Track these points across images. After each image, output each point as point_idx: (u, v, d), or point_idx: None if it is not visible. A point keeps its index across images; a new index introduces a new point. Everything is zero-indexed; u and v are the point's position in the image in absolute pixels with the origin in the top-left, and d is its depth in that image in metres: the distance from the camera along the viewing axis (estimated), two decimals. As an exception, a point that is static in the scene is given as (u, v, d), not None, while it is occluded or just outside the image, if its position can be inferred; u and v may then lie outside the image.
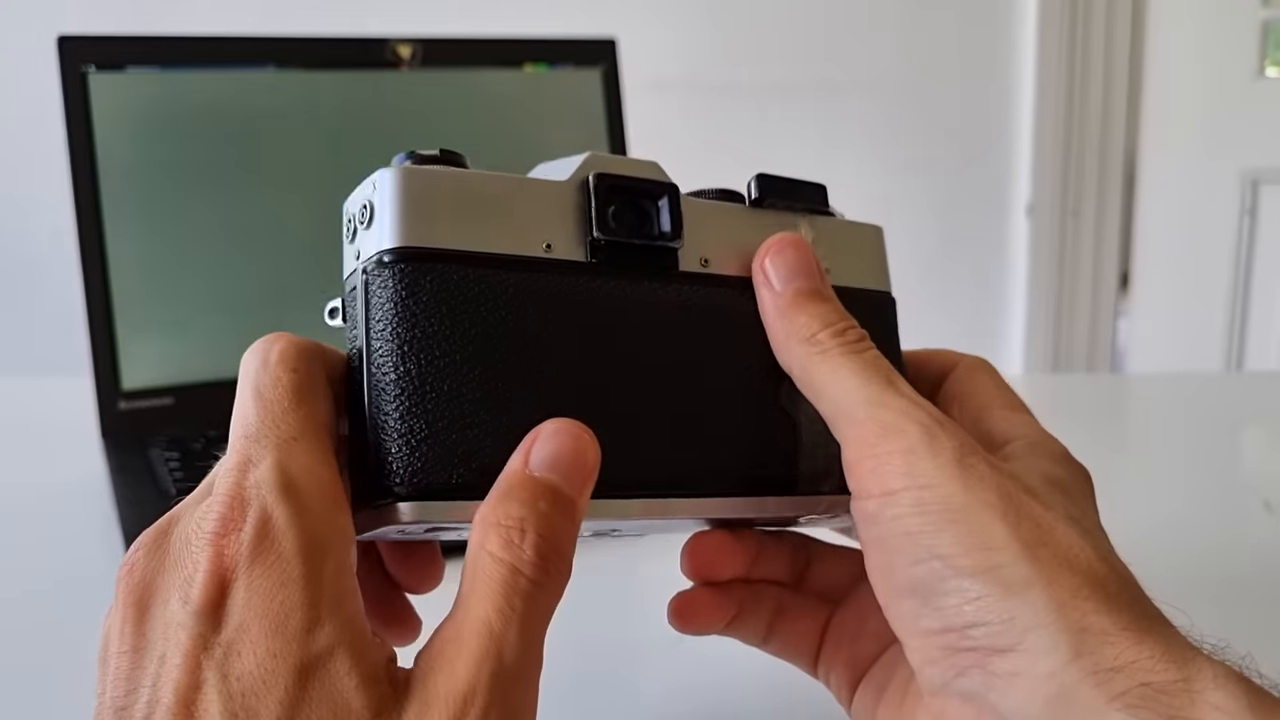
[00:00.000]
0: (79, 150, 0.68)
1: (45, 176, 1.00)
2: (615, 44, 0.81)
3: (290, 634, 0.24)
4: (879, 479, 0.28)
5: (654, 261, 0.32)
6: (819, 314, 0.31)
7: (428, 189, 0.29)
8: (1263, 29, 2.17)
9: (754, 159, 2.03)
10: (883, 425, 0.28)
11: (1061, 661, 0.25)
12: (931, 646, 0.27)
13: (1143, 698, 0.24)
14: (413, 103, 0.75)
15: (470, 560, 0.26)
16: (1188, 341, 2.31)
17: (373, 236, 0.28)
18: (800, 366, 0.31)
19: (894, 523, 0.28)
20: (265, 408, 0.27)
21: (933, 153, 2.14)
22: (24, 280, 1.77)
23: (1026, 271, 2.20)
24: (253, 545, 0.25)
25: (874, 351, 0.30)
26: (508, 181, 0.30)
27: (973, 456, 0.28)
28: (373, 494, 0.28)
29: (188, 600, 0.25)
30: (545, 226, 0.30)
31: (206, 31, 0.73)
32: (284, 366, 0.28)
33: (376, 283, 0.28)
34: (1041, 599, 0.26)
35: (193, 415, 0.68)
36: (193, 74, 0.70)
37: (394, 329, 0.28)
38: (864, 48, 2.08)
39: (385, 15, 1.82)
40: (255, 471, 0.26)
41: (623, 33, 0.84)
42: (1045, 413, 0.34)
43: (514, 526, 0.26)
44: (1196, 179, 2.25)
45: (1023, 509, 0.27)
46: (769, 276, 0.32)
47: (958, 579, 0.26)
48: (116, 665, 0.25)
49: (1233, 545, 0.58)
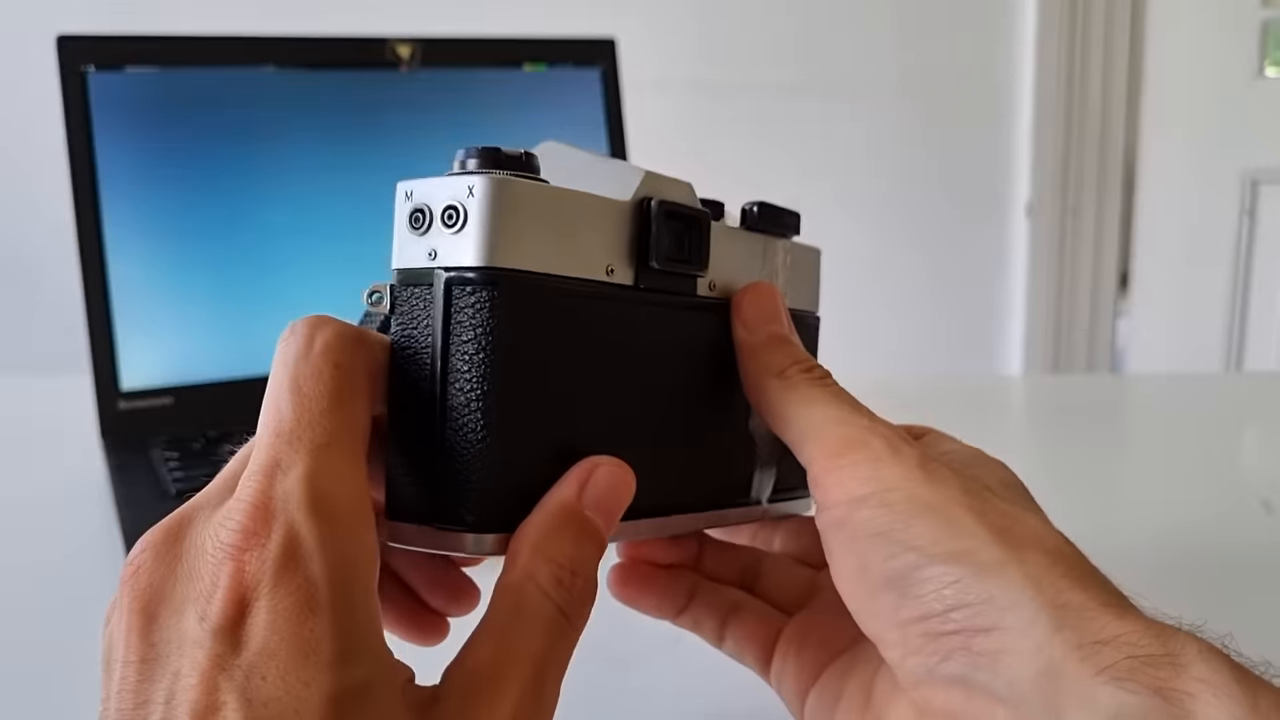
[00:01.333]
0: (79, 150, 0.68)
1: (45, 176, 1.00)
2: (615, 44, 0.81)
3: (322, 662, 0.23)
4: (846, 487, 0.29)
5: (683, 288, 0.32)
6: (788, 354, 0.33)
7: (522, 204, 0.27)
8: (1263, 29, 2.17)
9: (754, 159, 2.03)
10: (847, 440, 0.30)
11: (1044, 636, 0.26)
12: (913, 636, 0.28)
13: (1130, 670, 0.25)
14: (412, 103, 0.75)
15: (512, 586, 0.26)
16: (1187, 341, 2.31)
17: (462, 245, 0.27)
18: (769, 400, 0.32)
19: (863, 525, 0.29)
20: (302, 405, 0.26)
21: (933, 153, 2.14)
22: (24, 280, 1.77)
23: (1026, 271, 2.20)
24: (278, 565, 0.24)
25: (838, 385, 0.32)
26: (577, 198, 0.29)
27: (934, 462, 0.29)
28: (434, 515, 0.27)
29: (205, 617, 0.24)
30: (608, 248, 0.30)
31: (206, 31, 0.73)
32: (327, 359, 0.26)
33: (467, 299, 0.27)
34: (1017, 576, 0.26)
35: (193, 415, 0.68)
36: (193, 74, 0.70)
37: (484, 354, 0.26)
38: (864, 48, 2.08)
39: (385, 15, 1.82)
40: (284, 479, 0.25)
41: (623, 33, 0.84)
42: (1045, 413, 0.34)
43: (566, 566, 0.26)
44: (1196, 179, 2.25)
45: (988, 502, 0.29)
46: (745, 318, 0.34)
47: (932, 566, 0.27)
48: (124, 675, 0.24)
49: (1232, 545, 0.58)
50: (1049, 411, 0.84)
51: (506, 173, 0.27)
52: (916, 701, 0.28)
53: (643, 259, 0.31)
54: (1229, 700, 0.24)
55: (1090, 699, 0.25)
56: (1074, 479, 0.28)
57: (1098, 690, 0.25)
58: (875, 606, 0.29)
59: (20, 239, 1.75)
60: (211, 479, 0.28)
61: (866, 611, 0.29)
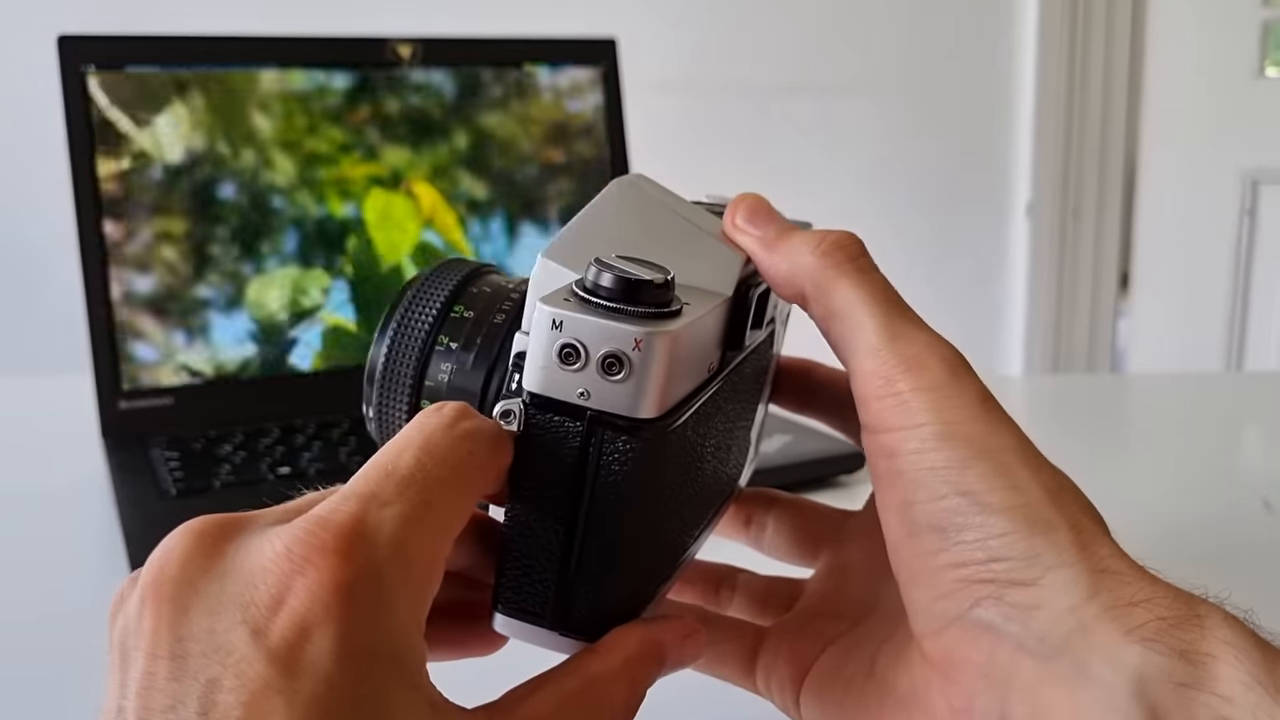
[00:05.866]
0: (79, 150, 0.68)
1: (45, 176, 1.00)
2: (615, 44, 0.81)
3: (397, 710, 0.23)
4: (902, 413, 0.28)
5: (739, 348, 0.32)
6: (813, 233, 0.31)
7: (678, 352, 0.27)
8: (1263, 29, 2.17)
9: (754, 159, 2.03)
10: (905, 360, 0.28)
11: (1082, 597, 0.26)
12: (947, 580, 0.27)
13: (1158, 631, 0.25)
14: (412, 102, 0.75)
15: (595, 678, 0.27)
16: (1188, 341, 2.31)
17: (621, 395, 0.26)
18: (814, 283, 0.30)
19: (915, 457, 0.28)
20: (425, 463, 0.25)
21: (933, 153, 2.14)
22: (24, 280, 1.77)
23: (1026, 271, 2.20)
24: (354, 596, 0.23)
25: (881, 274, 0.31)
26: (704, 320, 0.28)
27: (992, 400, 0.28)
28: (559, 623, 0.28)
29: (261, 633, 0.22)
30: (714, 347, 0.30)
31: (207, 31, 0.73)
32: (465, 442, 0.26)
33: (619, 444, 0.26)
34: (1067, 539, 0.27)
35: (193, 415, 0.68)
36: (193, 74, 0.70)
37: (626, 492, 0.27)
38: (864, 48, 2.08)
39: (385, 15, 1.82)
40: (380, 513, 0.24)
41: (623, 33, 0.84)
42: (1045, 413, 0.34)
43: (638, 695, 0.28)
44: (1196, 179, 2.25)
45: (1039, 457, 0.28)
46: (747, 228, 0.32)
47: (983, 515, 0.27)
48: (149, 669, 0.23)
49: (1233, 545, 0.58)
50: (1049, 411, 0.84)
51: (662, 319, 0.26)
52: (933, 652, 0.28)
53: (734, 344, 0.31)
54: (1250, 663, 0.24)
55: (1116, 656, 0.25)
56: (1074, 479, 0.28)
57: (1125, 649, 0.25)
58: (915, 545, 0.28)
59: (21, 239, 1.75)
60: (211, 479, 0.28)
61: (905, 548, 0.28)
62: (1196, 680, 0.24)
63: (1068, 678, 0.25)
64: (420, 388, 0.31)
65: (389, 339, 0.31)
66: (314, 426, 0.68)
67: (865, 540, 0.36)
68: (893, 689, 0.30)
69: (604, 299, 0.26)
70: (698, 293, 0.29)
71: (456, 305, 0.31)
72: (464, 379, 0.31)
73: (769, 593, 0.38)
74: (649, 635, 0.28)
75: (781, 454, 0.63)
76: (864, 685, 0.31)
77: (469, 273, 0.32)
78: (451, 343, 0.31)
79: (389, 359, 0.31)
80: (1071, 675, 0.25)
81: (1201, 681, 0.24)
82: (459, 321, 0.31)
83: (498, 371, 0.30)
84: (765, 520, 0.40)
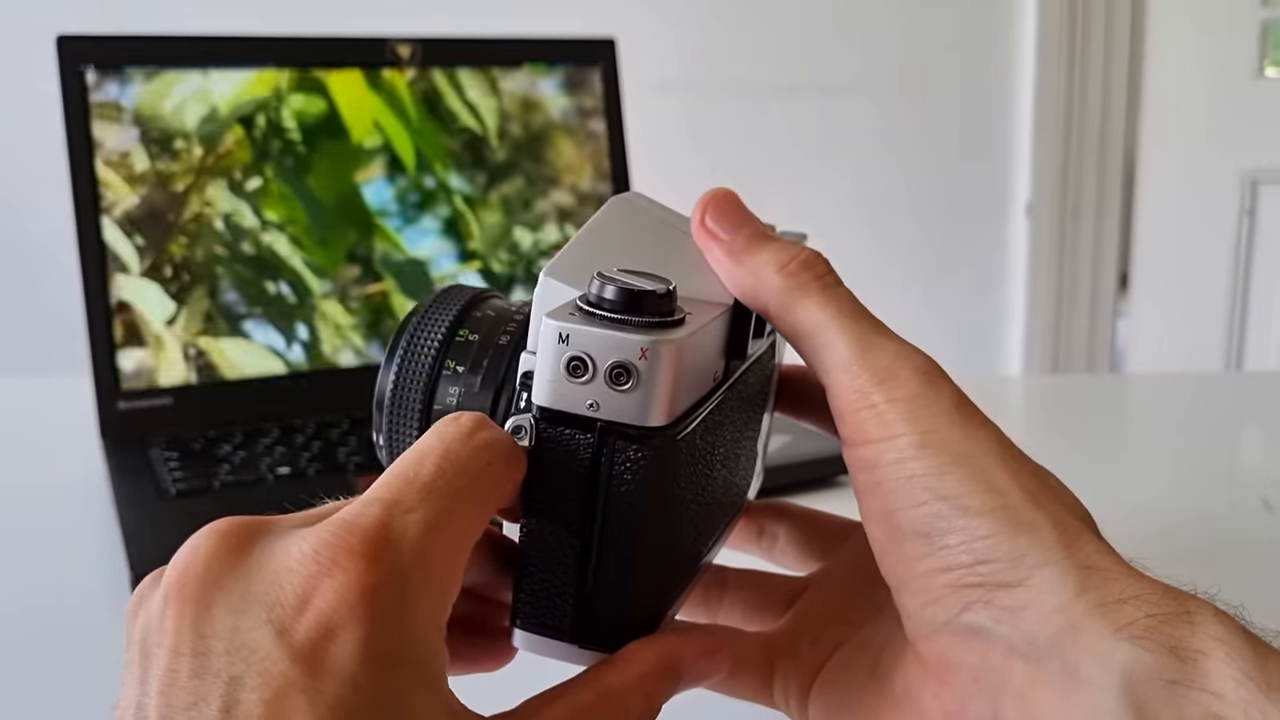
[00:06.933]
0: (78, 150, 0.68)
1: (45, 176, 1.00)
2: (615, 44, 0.81)
3: (418, 713, 0.23)
4: (879, 425, 0.28)
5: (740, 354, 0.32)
6: (781, 248, 0.30)
7: (684, 359, 0.27)
8: (1263, 29, 2.17)
9: (753, 159, 2.03)
10: (878, 373, 0.28)
11: (1069, 596, 0.26)
12: (936, 585, 0.27)
13: (1147, 628, 0.25)
14: (412, 102, 0.75)
15: (613, 690, 0.27)
16: (1187, 341, 2.31)
17: (629, 405, 0.26)
18: (778, 303, 0.30)
19: (894, 467, 0.28)
20: (445, 471, 0.25)
21: (933, 153, 2.14)
22: (24, 280, 1.77)
23: (1026, 271, 2.20)
24: (379, 599, 0.23)
25: (847, 289, 0.30)
26: (708, 330, 0.29)
27: (969, 405, 0.29)
28: (577, 636, 0.28)
29: (286, 633, 0.22)
30: (717, 356, 0.30)
31: (206, 31, 0.73)
32: (484, 453, 0.26)
33: (631, 454, 0.27)
34: (1051, 538, 0.27)
35: (193, 415, 0.68)
36: (192, 74, 0.70)
37: (639, 502, 0.27)
38: (864, 48, 2.09)
39: (385, 15, 1.82)
40: (403, 518, 0.24)
41: (623, 33, 0.84)
42: (1045, 413, 0.34)
43: (653, 709, 0.28)
44: (1196, 179, 2.25)
45: (1019, 458, 0.28)
46: (715, 230, 0.31)
47: (964, 518, 0.27)
48: (172, 666, 0.23)
49: (1233, 545, 0.58)
50: (1049, 411, 0.84)
51: (667, 328, 0.27)
52: (926, 655, 0.28)
53: (737, 353, 0.31)
54: (1240, 660, 0.24)
55: (1105, 655, 0.25)
56: (1074, 479, 0.28)
57: (1114, 647, 0.25)
58: (900, 552, 0.28)
59: (20, 239, 1.75)
60: (211, 479, 0.28)
61: (891, 555, 0.29)
62: (1187, 677, 0.24)
63: (1057, 679, 0.25)
64: (429, 413, 0.31)
65: (396, 366, 0.32)
66: (313, 426, 0.68)
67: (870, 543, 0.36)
68: (890, 690, 0.30)
69: (608, 311, 0.26)
70: (699, 303, 0.29)
71: (461, 330, 0.32)
72: (472, 401, 0.31)
73: (762, 587, 0.38)
74: (666, 649, 0.28)
75: (781, 454, 0.63)
76: (865, 686, 0.31)
77: (471, 298, 0.33)
78: (458, 366, 0.31)
79: (397, 386, 0.32)
80: (1061, 677, 0.25)
81: (1192, 678, 0.24)
82: (464, 345, 0.31)
83: (505, 392, 0.31)
84: (777, 531, 0.40)
